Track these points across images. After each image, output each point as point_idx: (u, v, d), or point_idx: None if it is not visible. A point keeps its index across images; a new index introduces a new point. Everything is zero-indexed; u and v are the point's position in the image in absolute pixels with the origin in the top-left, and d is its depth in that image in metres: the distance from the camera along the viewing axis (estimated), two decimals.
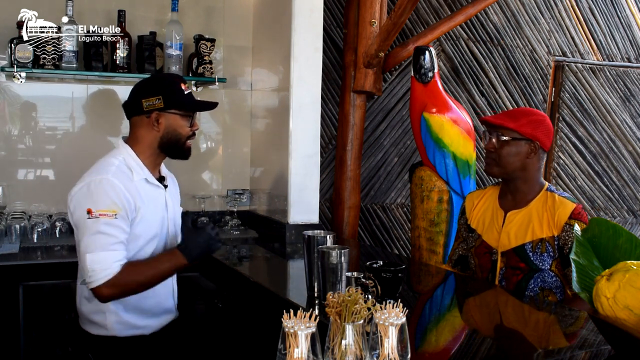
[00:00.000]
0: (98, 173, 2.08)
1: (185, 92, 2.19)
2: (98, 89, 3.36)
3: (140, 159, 2.17)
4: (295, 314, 1.24)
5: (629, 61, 4.70)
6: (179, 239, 2.40)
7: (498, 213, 2.27)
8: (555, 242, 2.14)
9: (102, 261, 1.99)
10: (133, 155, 2.17)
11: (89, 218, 2.01)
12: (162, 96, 2.13)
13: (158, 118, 2.15)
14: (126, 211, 2.07)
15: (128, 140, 2.21)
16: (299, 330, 1.21)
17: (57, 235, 3.09)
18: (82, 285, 2.14)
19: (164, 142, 2.18)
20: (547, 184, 2.25)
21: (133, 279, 2.04)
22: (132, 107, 2.19)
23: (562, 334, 1.87)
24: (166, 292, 2.26)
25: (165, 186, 2.28)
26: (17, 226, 3.03)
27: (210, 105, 2.33)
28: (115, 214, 2.03)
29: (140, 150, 2.18)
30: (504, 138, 2.17)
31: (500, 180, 2.33)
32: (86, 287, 2.06)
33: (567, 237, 2.10)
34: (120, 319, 2.15)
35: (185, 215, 2.53)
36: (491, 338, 1.82)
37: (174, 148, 2.21)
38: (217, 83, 3.45)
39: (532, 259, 2.16)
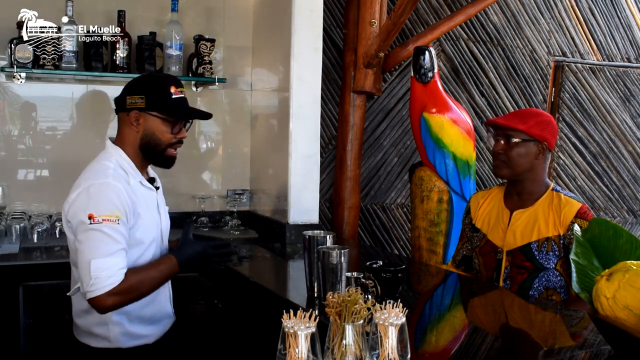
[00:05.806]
0: (96, 178, 1.97)
1: (174, 96, 2.06)
2: (98, 89, 3.35)
3: (131, 160, 2.09)
4: (295, 314, 1.24)
5: (629, 61, 4.70)
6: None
7: (504, 212, 2.27)
8: (561, 241, 2.14)
9: (107, 268, 1.87)
10: (125, 158, 2.07)
11: (91, 223, 1.90)
12: (145, 96, 2.04)
13: (138, 118, 2.06)
14: (127, 216, 1.97)
15: (115, 141, 2.12)
16: (299, 330, 1.21)
17: (57, 235, 3.08)
18: (79, 297, 2.02)
19: (143, 143, 2.08)
20: (552, 184, 2.26)
21: (135, 287, 1.93)
22: (118, 103, 2.11)
23: (562, 335, 1.87)
24: (165, 297, 2.20)
25: (157, 188, 2.20)
26: (17, 226, 3.02)
27: (199, 115, 2.21)
28: (118, 219, 1.92)
29: (128, 152, 2.08)
30: (514, 140, 2.16)
31: (505, 181, 2.33)
32: (83, 297, 1.93)
33: (572, 236, 2.10)
34: (124, 330, 2.05)
35: (186, 222, 2.48)
36: (491, 338, 1.82)
37: (153, 153, 2.09)
38: (217, 83, 3.45)
39: (537, 257, 2.16)
